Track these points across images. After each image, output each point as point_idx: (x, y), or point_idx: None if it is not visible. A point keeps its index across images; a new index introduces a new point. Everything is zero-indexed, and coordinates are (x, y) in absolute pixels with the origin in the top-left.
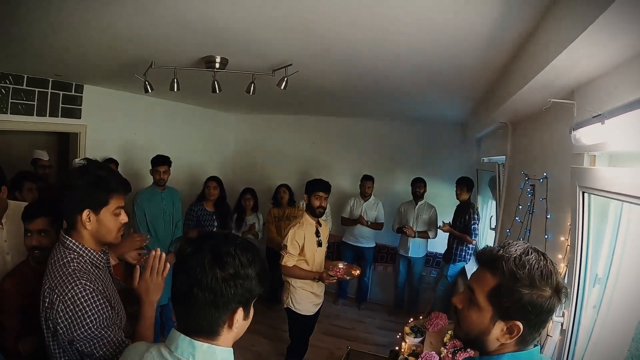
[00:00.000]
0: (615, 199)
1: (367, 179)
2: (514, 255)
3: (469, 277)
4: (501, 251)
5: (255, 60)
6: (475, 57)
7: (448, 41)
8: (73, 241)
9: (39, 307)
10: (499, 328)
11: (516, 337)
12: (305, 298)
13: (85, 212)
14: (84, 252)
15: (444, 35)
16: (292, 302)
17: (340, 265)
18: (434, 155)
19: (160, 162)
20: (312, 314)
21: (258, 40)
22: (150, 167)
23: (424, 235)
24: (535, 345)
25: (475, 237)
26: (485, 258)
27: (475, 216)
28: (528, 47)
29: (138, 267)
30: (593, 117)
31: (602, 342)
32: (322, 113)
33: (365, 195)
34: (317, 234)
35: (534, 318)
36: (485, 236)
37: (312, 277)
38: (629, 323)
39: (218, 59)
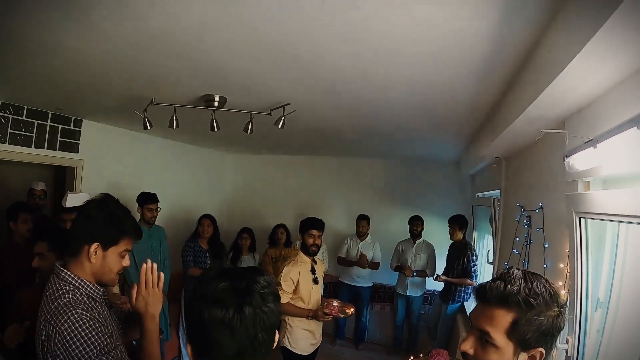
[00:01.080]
0: (611, 220)
1: (362, 219)
2: (522, 286)
3: (468, 314)
4: (507, 285)
5: (253, 99)
6: (469, 92)
7: (444, 77)
8: (69, 273)
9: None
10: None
11: None
12: (302, 337)
13: (94, 245)
14: (79, 284)
15: (441, 69)
16: (288, 340)
17: (335, 303)
18: (429, 193)
19: (152, 199)
20: (308, 354)
21: (256, 80)
22: (137, 205)
23: (422, 274)
24: None
25: (475, 278)
26: (494, 296)
27: (474, 257)
28: (520, 79)
29: (136, 284)
30: (585, 142)
31: None
32: (318, 153)
33: (361, 235)
34: (313, 271)
35: (550, 340)
36: (484, 271)
37: (306, 315)
38: (634, 345)
39: (217, 98)
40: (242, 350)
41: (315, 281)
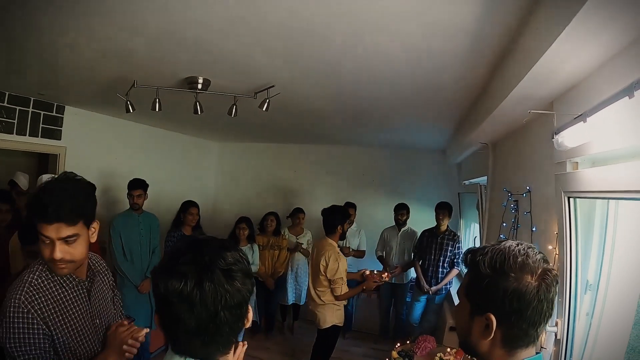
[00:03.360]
0: (602, 197)
1: (348, 206)
2: (485, 250)
3: (455, 301)
4: (472, 249)
5: (237, 82)
6: (454, 76)
7: (427, 60)
8: None
9: None
10: (478, 325)
11: (493, 332)
12: (341, 312)
13: (96, 223)
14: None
15: (423, 53)
16: (336, 318)
17: (371, 271)
18: (415, 181)
19: (135, 185)
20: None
21: (241, 62)
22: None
23: (408, 266)
24: (537, 354)
25: (459, 265)
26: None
27: (461, 246)
28: (507, 59)
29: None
30: (574, 118)
31: (598, 350)
32: (304, 141)
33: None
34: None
35: (504, 307)
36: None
37: (360, 291)
38: (623, 328)
39: (200, 80)
40: (202, 327)
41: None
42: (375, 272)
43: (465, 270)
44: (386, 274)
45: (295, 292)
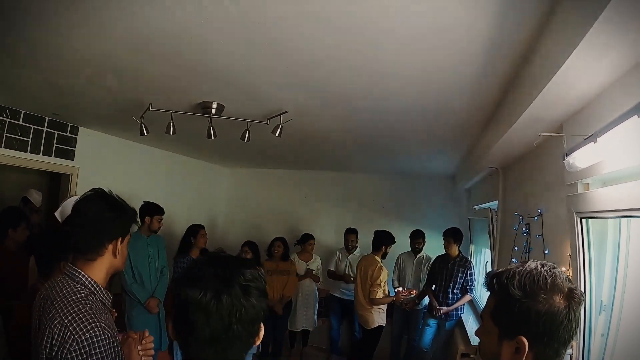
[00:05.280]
0: (614, 217)
1: (350, 232)
2: (510, 271)
3: (466, 327)
4: (497, 271)
5: (250, 107)
6: (465, 99)
7: (438, 85)
8: (86, 276)
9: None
10: (507, 349)
11: (525, 355)
12: (383, 314)
13: (118, 241)
14: (95, 289)
15: (435, 77)
16: (380, 319)
17: (402, 289)
18: (425, 207)
19: (160, 211)
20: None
21: (254, 87)
22: (145, 215)
23: (421, 296)
24: None
25: (472, 292)
26: (487, 281)
27: (474, 272)
28: (516, 84)
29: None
30: (585, 139)
31: None
32: (314, 167)
33: (349, 249)
34: None
35: (537, 329)
36: (481, 285)
37: (390, 301)
38: (638, 348)
39: (214, 105)
40: (215, 337)
41: None
42: (404, 289)
43: (480, 295)
44: (415, 291)
45: (305, 317)
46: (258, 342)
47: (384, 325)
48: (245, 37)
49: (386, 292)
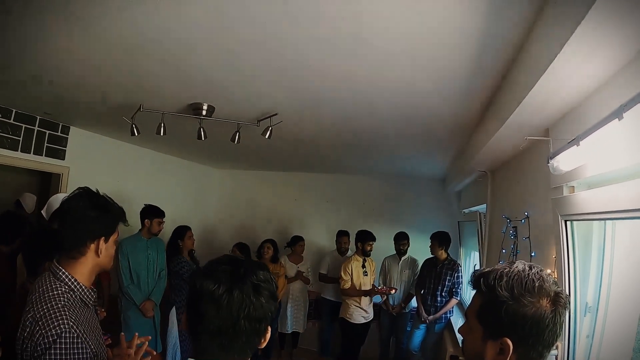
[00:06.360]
0: (598, 219)
1: (343, 235)
2: (498, 272)
3: (455, 330)
4: (483, 270)
5: (241, 109)
6: (452, 105)
7: (425, 90)
8: (66, 274)
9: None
10: (491, 349)
11: (509, 356)
12: (355, 311)
13: (101, 240)
14: (76, 287)
15: (422, 81)
16: (346, 313)
17: (382, 286)
18: (415, 210)
19: (160, 214)
20: (360, 323)
21: (245, 90)
22: (145, 217)
23: (408, 299)
24: None
25: (459, 295)
26: (473, 280)
27: (461, 275)
28: (503, 88)
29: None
30: (568, 142)
31: None
32: (303, 169)
33: (342, 251)
34: (363, 266)
35: (522, 332)
36: (468, 288)
37: (362, 295)
38: (623, 349)
39: (205, 106)
40: (222, 329)
41: (365, 273)
42: (383, 287)
43: (469, 298)
44: (394, 290)
45: (295, 320)
46: (264, 344)
47: (352, 321)
48: (234, 39)
49: (356, 284)
